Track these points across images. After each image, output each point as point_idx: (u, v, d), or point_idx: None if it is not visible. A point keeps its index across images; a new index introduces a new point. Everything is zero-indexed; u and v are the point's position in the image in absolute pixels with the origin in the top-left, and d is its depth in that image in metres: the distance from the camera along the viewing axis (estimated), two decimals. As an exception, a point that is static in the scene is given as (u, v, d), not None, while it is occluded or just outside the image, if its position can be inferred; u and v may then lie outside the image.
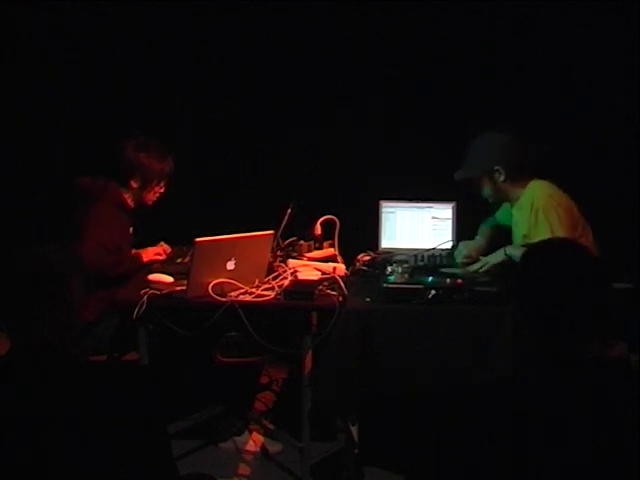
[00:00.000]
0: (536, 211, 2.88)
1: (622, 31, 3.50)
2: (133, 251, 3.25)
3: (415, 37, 3.66)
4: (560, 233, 2.78)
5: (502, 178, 2.98)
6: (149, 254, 3.20)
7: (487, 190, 3.04)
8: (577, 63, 3.57)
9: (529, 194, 2.96)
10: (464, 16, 3.62)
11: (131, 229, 3.27)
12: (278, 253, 3.16)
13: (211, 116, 3.84)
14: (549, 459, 1.39)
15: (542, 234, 2.79)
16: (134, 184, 3.17)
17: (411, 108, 3.69)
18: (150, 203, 3.24)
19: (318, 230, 3.27)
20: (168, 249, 3.31)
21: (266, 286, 2.85)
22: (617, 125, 3.57)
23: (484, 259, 2.98)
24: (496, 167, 2.97)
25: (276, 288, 2.83)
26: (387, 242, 3.39)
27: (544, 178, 3.02)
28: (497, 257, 2.94)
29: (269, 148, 3.86)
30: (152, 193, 3.22)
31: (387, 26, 3.68)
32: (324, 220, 3.27)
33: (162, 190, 3.25)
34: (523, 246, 2.77)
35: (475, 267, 2.98)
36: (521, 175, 2.99)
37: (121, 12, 3.70)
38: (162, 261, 3.22)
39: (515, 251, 2.86)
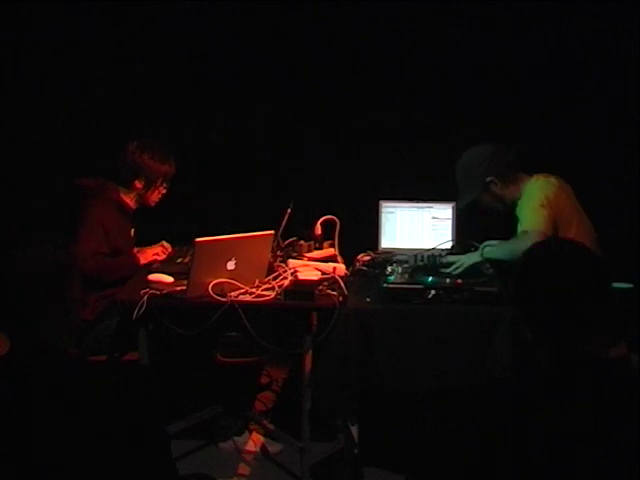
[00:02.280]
0: (525, 205, 2.89)
1: (622, 31, 3.50)
2: (135, 249, 3.25)
3: (415, 37, 3.66)
4: (535, 227, 2.78)
5: (499, 186, 2.99)
6: (147, 256, 3.20)
7: (492, 203, 3.03)
8: (577, 63, 3.57)
9: (528, 191, 2.94)
10: (464, 16, 3.62)
11: (132, 231, 3.27)
12: (278, 253, 3.15)
13: (211, 116, 3.84)
14: (549, 459, 1.39)
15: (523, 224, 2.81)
16: (138, 184, 3.17)
17: (411, 108, 3.69)
18: (153, 204, 3.24)
19: (318, 230, 3.27)
20: (169, 248, 3.31)
21: (266, 286, 2.85)
22: (617, 124, 3.57)
23: (460, 259, 2.91)
24: (488, 179, 2.97)
25: (276, 288, 2.83)
26: (387, 242, 3.38)
27: (547, 172, 3.00)
28: (473, 258, 2.90)
29: (269, 148, 3.85)
30: (156, 193, 3.22)
31: (387, 26, 3.68)
32: (324, 220, 3.27)
33: (164, 191, 3.25)
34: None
35: (450, 268, 2.89)
36: (512, 173, 2.99)
37: (121, 12, 3.70)
38: (162, 261, 3.22)
39: (493, 252, 2.85)
